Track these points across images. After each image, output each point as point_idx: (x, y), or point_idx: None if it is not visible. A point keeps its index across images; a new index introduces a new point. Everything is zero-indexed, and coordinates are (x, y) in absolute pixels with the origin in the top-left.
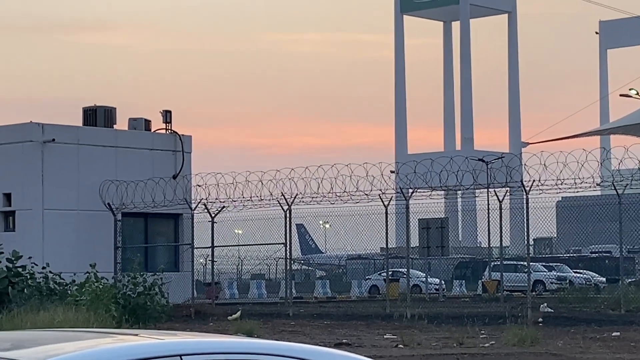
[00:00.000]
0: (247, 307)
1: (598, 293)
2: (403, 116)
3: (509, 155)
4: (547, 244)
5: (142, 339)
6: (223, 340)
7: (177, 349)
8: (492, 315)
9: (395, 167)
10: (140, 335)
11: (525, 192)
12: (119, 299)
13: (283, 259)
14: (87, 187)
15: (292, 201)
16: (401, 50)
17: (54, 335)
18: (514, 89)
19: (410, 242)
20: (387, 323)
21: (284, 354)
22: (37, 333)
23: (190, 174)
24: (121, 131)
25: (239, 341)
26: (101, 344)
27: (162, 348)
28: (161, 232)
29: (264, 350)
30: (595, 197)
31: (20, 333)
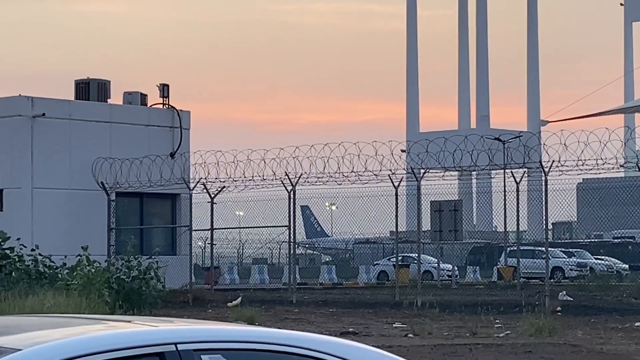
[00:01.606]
0: (248, 293)
1: (620, 281)
2: (415, 92)
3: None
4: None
5: (135, 325)
6: (222, 328)
7: (172, 337)
8: (508, 303)
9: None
10: (133, 322)
11: (544, 173)
12: (112, 284)
13: (286, 242)
14: (79, 164)
15: (297, 181)
16: (414, 22)
17: (41, 321)
18: (533, 63)
19: (421, 225)
20: (396, 311)
21: (288, 343)
22: (24, 319)
23: (188, 152)
24: (116, 106)
25: (239, 329)
26: (90, 331)
27: (156, 336)
28: (157, 213)
29: (266, 339)
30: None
31: (6, 318)
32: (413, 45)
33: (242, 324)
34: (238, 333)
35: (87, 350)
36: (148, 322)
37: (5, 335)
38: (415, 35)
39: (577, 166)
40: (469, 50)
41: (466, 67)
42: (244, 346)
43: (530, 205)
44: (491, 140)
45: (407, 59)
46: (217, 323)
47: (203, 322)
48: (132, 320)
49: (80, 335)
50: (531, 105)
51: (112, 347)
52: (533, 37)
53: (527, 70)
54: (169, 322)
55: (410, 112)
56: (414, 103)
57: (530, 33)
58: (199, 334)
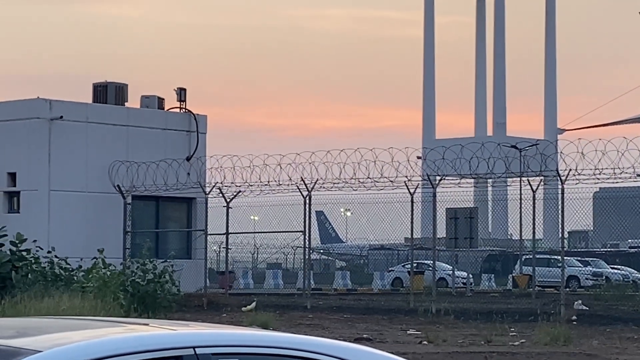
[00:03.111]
0: (262, 298)
1: (636, 290)
2: (432, 98)
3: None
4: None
5: (153, 329)
6: (238, 332)
7: (190, 340)
8: (523, 311)
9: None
10: (150, 325)
11: (560, 181)
12: (127, 287)
13: (301, 247)
14: (96, 167)
15: (312, 187)
16: (431, 28)
17: (60, 323)
18: (551, 71)
19: (436, 232)
20: (410, 318)
21: (303, 348)
22: (42, 320)
23: (204, 156)
24: (133, 109)
25: (255, 334)
26: (110, 334)
27: (174, 339)
28: (173, 217)
29: (281, 344)
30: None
31: (24, 320)
32: (430, 51)
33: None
34: (255, 338)
35: (107, 353)
36: (165, 325)
37: (24, 337)
38: (432, 41)
39: (594, 175)
40: (486, 57)
41: (483, 74)
42: (260, 351)
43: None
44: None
45: (423, 65)
46: (233, 327)
47: (220, 327)
48: (150, 324)
49: (100, 337)
50: (548, 113)
51: (132, 349)
52: (551, 45)
53: (545, 78)
54: (186, 325)
55: (427, 119)
56: (430, 109)
57: (548, 40)
58: (217, 338)
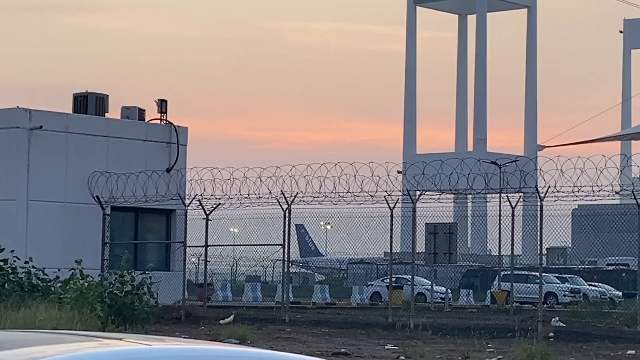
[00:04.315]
0: (240, 311)
1: (613, 308)
2: (413, 113)
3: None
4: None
5: (127, 344)
6: (214, 348)
7: (165, 356)
8: (501, 328)
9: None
10: (125, 340)
11: (539, 198)
12: (105, 298)
13: (280, 260)
14: (76, 178)
15: (292, 200)
16: (413, 44)
17: (35, 337)
18: (531, 88)
19: (415, 247)
20: (388, 333)
21: None
22: (18, 334)
23: (184, 168)
24: (113, 120)
25: (232, 350)
26: (84, 348)
27: (148, 355)
28: (152, 229)
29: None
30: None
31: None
32: (412, 66)
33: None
34: (231, 353)
35: None
36: (141, 340)
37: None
38: (414, 56)
39: (572, 192)
40: (467, 73)
41: (464, 90)
42: None
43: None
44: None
45: (405, 79)
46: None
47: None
48: (124, 338)
49: (75, 352)
50: (528, 129)
51: None
52: (531, 62)
53: (525, 95)
54: (162, 340)
55: (408, 134)
56: (411, 124)
57: (528, 57)
58: (191, 354)
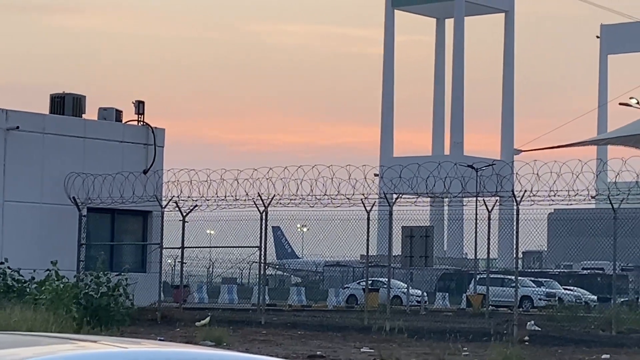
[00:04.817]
0: (216, 313)
1: (588, 312)
2: (390, 116)
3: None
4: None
5: (102, 346)
6: (189, 350)
7: (140, 359)
8: (476, 331)
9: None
10: (100, 342)
11: (515, 202)
12: (80, 300)
13: (257, 263)
14: (52, 179)
15: (269, 202)
16: (391, 47)
17: (10, 338)
18: (508, 92)
19: (392, 250)
20: (364, 335)
21: None
22: None
23: (161, 170)
24: (90, 121)
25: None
26: (59, 351)
27: (124, 358)
28: (128, 230)
29: None
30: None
31: None
32: (389, 69)
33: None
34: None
35: None
36: (116, 342)
37: None
38: (392, 59)
39: (549, 196)
40: (444, 77)
41: (441, 93)
42: None
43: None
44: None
45: (383, 83)
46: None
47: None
48: (99, 340)
49: (50, 354)
50: (505, 133)
51: None
52: (509, 66)
53: (502, 99)
54: (137, 343)
55: (385, 137)
56: (388, 127)
57: (506, 61)
58: (166, 357)
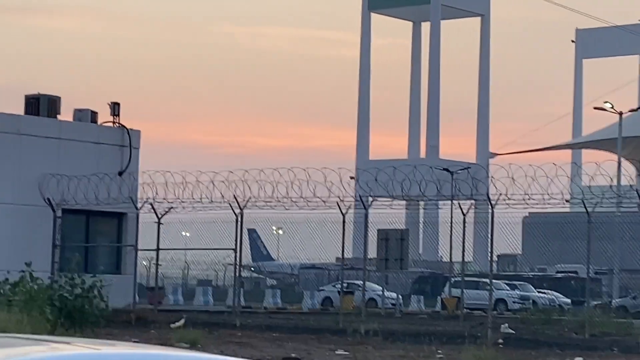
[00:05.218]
0: (191, 315)
1: (562, 315)
2: (366, 120)
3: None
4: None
5: (76, 348)
6: (163, 353)
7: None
8: (451, 334)
9: (355, 173)
10: (73, 344)
11: (490, 206)
12: (54, 301)
13: (232, 265)
14: (27, 180)
15: (245, 205)
16: (367, 50)
17: None
18: (484, 96)
19: (367, 253)
20: (339, 338)
21: None
22: None
23: (137, 171)
24: (65, 122)
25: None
26: (32, 352)
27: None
28: (103, 232)
29: None
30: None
31: None
32: (366, 72)
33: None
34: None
35: None
36: (90, 344)
37: None
38: (368, 62)
39: (523, 200)
40: (420, 80)
41: (417, 97)
42: None
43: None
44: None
45: (359, 86)
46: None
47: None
48: (73, 342)
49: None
50: (480, 137)
51: None
52: (485, 70)
53: (478, 102)
54: (111, 345)
55: (361, 140)
56: (364, 130)
57: (482, 66)
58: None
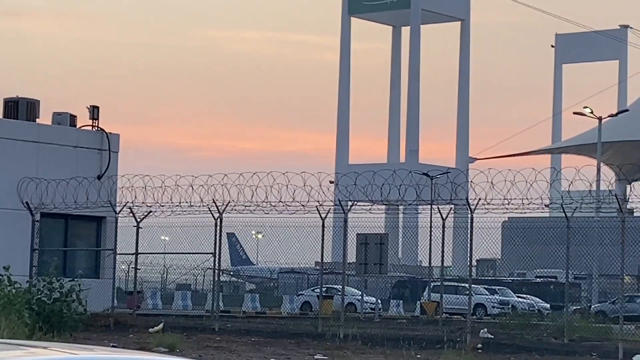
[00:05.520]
0: (170, 319)
1: (541, 320)
2: (346, 124)
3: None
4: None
5: (53, 352)
6: (142, 358)
7: None
8: (430, 338)
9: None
10: (50, 349)
11: (470, 210)
12: (32, 305)
13: (211, 269)
14: (5, 183)
15: (224, 209)
16: (347, 54)
17: None
18: (464, 100)
19: (347, 257)
20: (318, 342)
21: None
22: None
23: (116, 175)
24: (44, 126)
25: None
26: (10, 357)
27: None
28: (82, 236)
29: None
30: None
31: None
32: (345, 76)
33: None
34: None
35: None
36: (67, 349)
37: None
38: (349, 67)
39: (503, 205)
40: (400, 85)
41: (397, 101)
42: None
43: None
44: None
45: (339, 90)
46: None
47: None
48: (50, 347)
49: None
50: (460, 141)
51: None
52: (464, 74)
53: (458, 107)
54: (89, 350)
55: (340, 144)
56: (344, 135)
57: (461, 70)
58: None
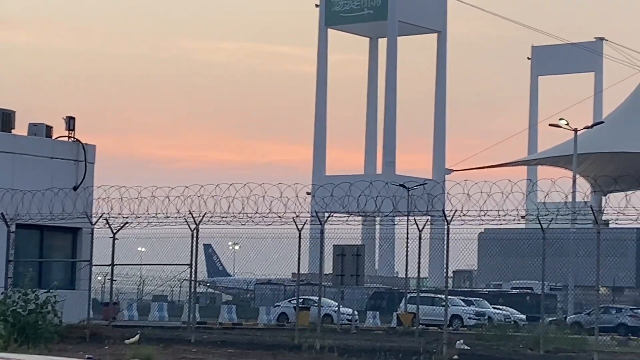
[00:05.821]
0: (146, 331)
1: (517, 331)
2: (323, 135)
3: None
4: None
5: None
6: None
7: None
8: (406, 350)
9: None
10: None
11: (446, 222)
12: (7, 317)
13: (187, 280)
14: None
15: (200, 220)
16: (324, 65)
17: None
18: (440, 112)
19: (323, 268)
20: (295, 354)
21: None
22: None
23: (92, 186)
24: (20, 136)
25: None
26: None
27: None
28: (58, 247)
29: None
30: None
31: None
32: (322, 88)
33: None
34: None
35: None
36: None
37: None
38: (325, 78)
39: (479, 216)
40: (377, 96)
41: (374, 113)
42: None
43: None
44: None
45: (316, 101)
46: None
47: None
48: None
49: None
50: (437, 153)
51: None
52: (441, 86)
53: (434, 119)
54: None
55: (317, 155)
56: (321, 146)
57: (438, 82)
58: None
